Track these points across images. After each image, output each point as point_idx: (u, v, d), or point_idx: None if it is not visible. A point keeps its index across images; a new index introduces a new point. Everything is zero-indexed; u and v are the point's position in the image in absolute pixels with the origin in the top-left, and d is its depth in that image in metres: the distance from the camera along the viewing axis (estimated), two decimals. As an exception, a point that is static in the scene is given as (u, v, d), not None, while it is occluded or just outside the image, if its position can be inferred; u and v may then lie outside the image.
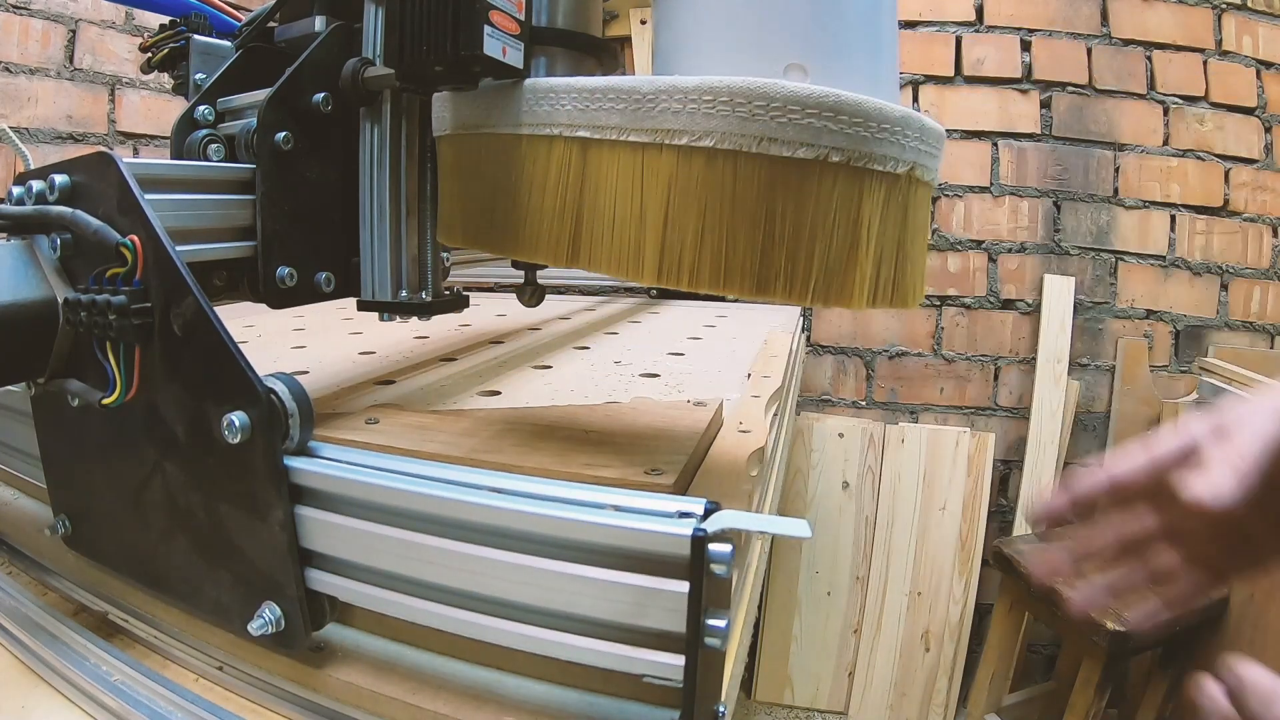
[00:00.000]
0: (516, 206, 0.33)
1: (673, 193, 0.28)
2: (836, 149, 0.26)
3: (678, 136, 0.27)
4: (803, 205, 0.27)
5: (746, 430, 0.46)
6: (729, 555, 0.23)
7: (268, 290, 0.39)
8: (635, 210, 0.29)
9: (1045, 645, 1.63)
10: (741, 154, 0.27)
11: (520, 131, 0.32)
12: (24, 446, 0.42)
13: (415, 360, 0.61)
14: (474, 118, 0.34)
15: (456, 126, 0.36)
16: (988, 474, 1.54)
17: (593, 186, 0.30)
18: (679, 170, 0.28)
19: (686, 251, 0.28)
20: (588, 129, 0.30)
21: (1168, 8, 1.48)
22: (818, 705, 1.59)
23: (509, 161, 0.33)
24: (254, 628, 0.29)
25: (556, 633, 0.26)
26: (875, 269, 0.28)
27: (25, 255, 0.32)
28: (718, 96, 0.26)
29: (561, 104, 0.31)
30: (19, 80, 1.16)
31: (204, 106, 0.43)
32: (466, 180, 0.36)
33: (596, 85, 0.30)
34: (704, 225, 0.28)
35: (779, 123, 0.26)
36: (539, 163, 0.32)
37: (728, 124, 0.26)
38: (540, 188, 0.32)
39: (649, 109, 0.28)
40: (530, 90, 0.32)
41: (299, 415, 0.29)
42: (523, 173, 0.32)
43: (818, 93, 0.26)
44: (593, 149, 0.30)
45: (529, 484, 0.27)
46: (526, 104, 0.32)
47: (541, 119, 0.31)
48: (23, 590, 0.39)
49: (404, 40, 0.32)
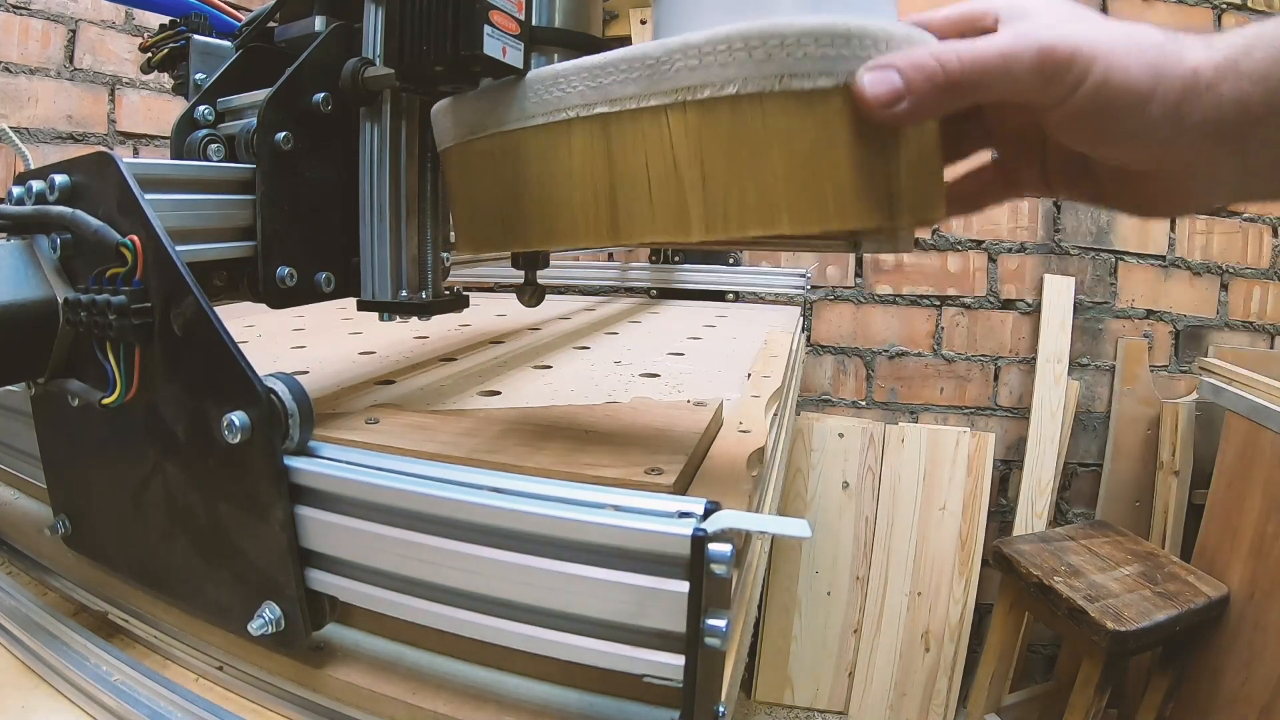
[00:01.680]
0: (544, 199, 0.32)
1: (705, 148, 0.28)
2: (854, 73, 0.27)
3: (699, 91, 0.28)
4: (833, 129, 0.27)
5: (746, 430, 0.46)
6: (729, 555, 0.23)
7: (268, 290, 0.39)
8: (670, 173, 0.29)
9: (1045, 645, 1.63)
10: (766, 95, 0.27)
11: (533, 123, 0.32)
12: (24, 446, 0.42)
13: (415, 360, 0.61)
14: (478, 122, 0.34)
15: (461, 135, 0.35)
16: (988, 474, 1.54)
17: (621, 160, 0.30)
18: (706, 124, 0.28)
19: (732, 201, 0.28)
20: (604, 104, 0.30)
21: (1168, 8, 1.48)
22: (818, 705, 1.59)
23: (527, 156, 0.33)
24: (254, 628, 0.29)
25: (556, 633, 0.26)
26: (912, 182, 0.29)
27: (25, 255, 0.32)
28: (731, 44, 0.27)
29: (572, 85, 0.30)
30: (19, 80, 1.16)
31: (204, 106, 0.43)
32: (482, 187, 0.35)
33: (604, 60, 0.30)
34: (742, 170, 0.28)
35: (796, 58, 0.27)
36: (560, 149, 0.31)
37: (746, 69, 0.27)
38: (566, 174, 0.31)
39: (664, 71, 0.28)
40: (536, 80, 0.32)
41: (299, 415, 0.29)
42: (545, 164, 0.32)
43: (827, 21, 0.27)
44: (614, 123, 0.30)
45: (529, 484, 0.27)
46: (534, 94, 0.32)
47: (553, 105, 0.31)
48: (23, 590, 0.39)
49: (404, 40, 0.32)
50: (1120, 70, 0.25)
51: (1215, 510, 1.33)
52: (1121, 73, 0.25)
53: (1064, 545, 1.36)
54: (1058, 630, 1.29)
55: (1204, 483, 1.44)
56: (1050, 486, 1.54)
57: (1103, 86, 0.25)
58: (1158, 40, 0.25)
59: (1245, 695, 1.16)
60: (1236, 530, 1.25)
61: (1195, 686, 1.27)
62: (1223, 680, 1.21)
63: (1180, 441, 1.48)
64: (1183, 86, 0.25)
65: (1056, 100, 0.26)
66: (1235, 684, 1.19)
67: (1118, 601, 1.18)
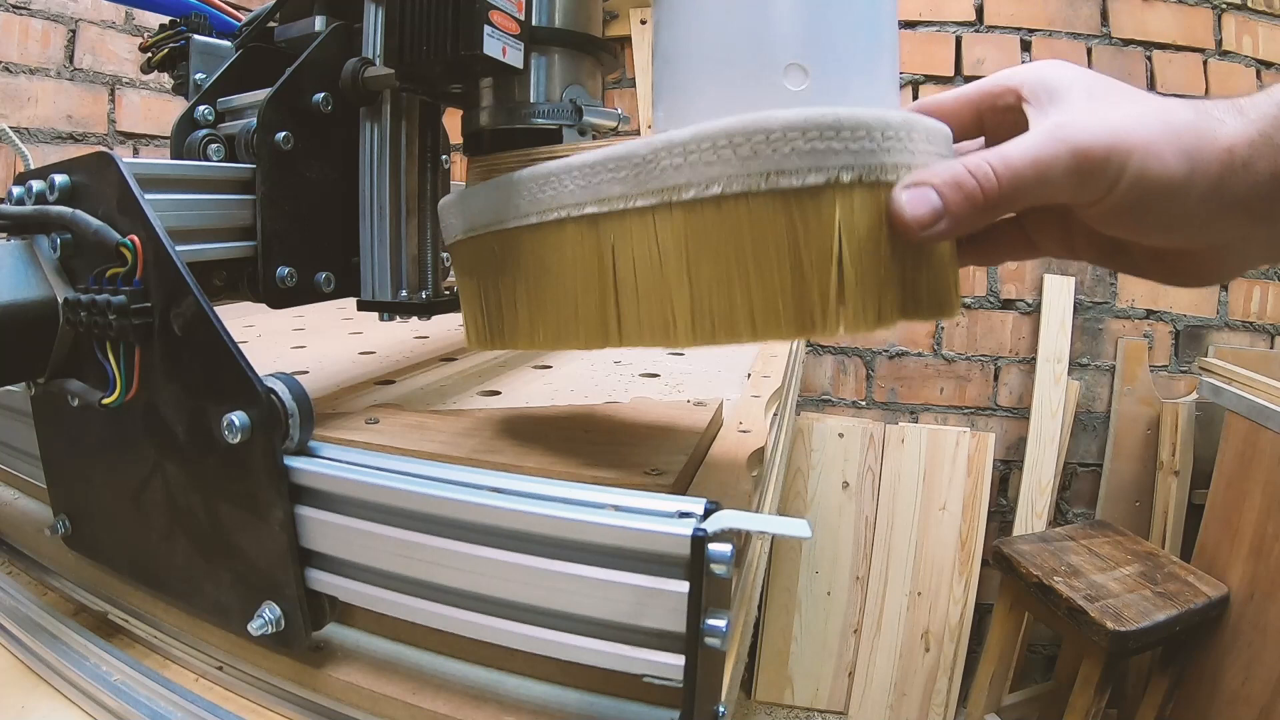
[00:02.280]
0: (541, 298, 0.32)
1: (690, 249, 0.27)
2: (846, 168, 0.25)
3: (684, 191, 0.26)
4: (825, 232, 0.26)
5: (746, 430, 0.46)
6: (729, 555, 0.23)
7: (268, 290, 0.39)
8: (657, 275, 0.28)
9: (1045, 645, 1.63)
10: (752, 194, 0.26)
11: (528, 222, 0.32)
12: (24, 446, 0.42)
13: (415, 360, 0.61)
14: (482, 219, 0.34)
15: (467, 231, 0.35)
16: (988, 474, 1.54)
17: (611, 260, 0.29)
18: (691, 224, 0.27)
19: (717, 306, 0.27)
20: (594, 204, 0.29)
21: (1168, 8, 1.48)
22: (818, 705, 1.59)
23: (525, 254, 0.32)
24: (254, 628, 0.29)
25: (556, 633, 0.26)
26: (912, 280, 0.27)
27: (25, 255, 0.32)
28: (715, 142, 0.26)
29: (564, 185, 0.30)
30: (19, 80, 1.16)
31: (204, 106, 0.43)
32: (486, 282, 0.35)
33: (594, 158, 0.29)
34: (729, 275, 0.26)
35: (783, 153, 0.25)
36: (554, 248, 0.31)
37: (730, 167, 0.26)
38: (560, 274, 0.31)
39: (650, 170, 0.27)
40: (531, 179, 0.31)
41: (299, 415, 0.29)
42: (540, 262, 0.32)
43: (814, 114, 0.25)
44: (603, 222, 0.29)
45: (529, 484, 0.27)
46: (529, 193, 0.31)
47: (547, 204, 0.31)
48: (23, 590, 0.39)
49: (404, 40, 0.32)
50: (1156, 161, 0.24)
51: (1215, 510, 1.33)
52: (1158, 163, 0.24)
53: (1064, 545, 1.36)
54: (1058, 630, 1.29)
55: (1204, 483, 1.44)
56: (1050, 486, 1.54)
57: (1140, 180, 0.24)
58: (1190, 120, 0.25)
59: (1245, 695, 1.16)
60: (1236, 530, 1.25)
61: (1195, 686, 1.27)
62: (1223, 680, 1.21)
63: (1180, 441, 1.47)
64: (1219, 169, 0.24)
65: (1094, 200, 0.25)
66: (1235, 684, 1.19)
67: (1118, 601, 1.18)
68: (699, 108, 0.28)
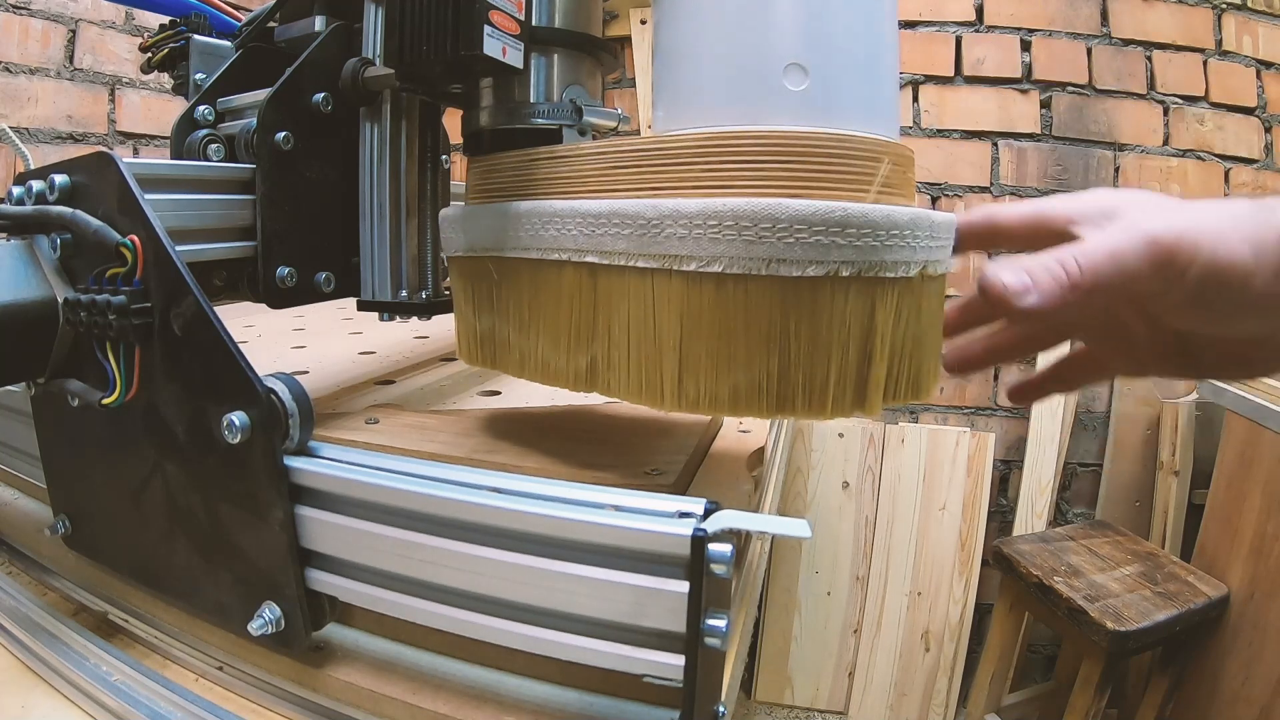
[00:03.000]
0: (531, 331, 0.32)
1: (685, 318, 0.27)
2: (846, 263, 0.26)
3: (685, 263, 0.27)
4: (816, 322, 0.26)
5: (746, 430, 0.46)
6: (729, 555, 0.23)
7: (268, 290, 0.39)
8: (650, 336, 0.28)
9: (1045, 645, 1.63)
10: (751, 277, 0.26)
11: (529, 256, 0.32)
12: (24, 446, 0.42)
13: (415, 360, 0.61)
14: (483, 241, 0.34)
15: (468, 249, 0.35)
16: (988, 474, 1.54)
17: (605, 312, 0.30)
18: (689, 295, 0.27)
19: (704, 377, 0.27)
20: (595, 254, 0.29)
21: (1167, 8, 1.48)
22: (818, 705, 1.59)
23: (521, 286, 0.33)
24: (254, 628, 0.29)
25: (556, 633, 0.26)
26: (895, 370, 0.28)
27: (25, 255, 0.32)
28: (723, 221, 0.26)
29: (568, 228, 0.30)
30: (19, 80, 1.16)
31: (204, 106, 0.43)
32: (481, 301, 0.36)
33: (601, 210, 0.29)
34: (719, 350, 0.27)
35: (786, 243, 0.25)
36: (551, 287, 0.31)
37: (734, 248, 0.26)
38: (553, 313, 0.31)
39: (654, 234, 0.27)
40: (536, 214, 0.31)
41: (299, 415, 0.29)
42: (535, 297, 0.32)
43: (823, 209, 0.25)
44: (602, 274, 0.30)
45: (529, 484, 0.27)
46: (533, 228, 0.31)
47: (549, 243, 0.31)
48: (23, 590, 0.39)
49: (404, 40, 0.32)
50: (1224, 249, 0.25)
51: (1215, 510, 1.33)
52: (1225, 249, 0.25)
53: (1064, 545, 1.36)
54: (1058, 630, 1.29)
55: (1204, 483, 1.44)
56: (1050, 486, 1.54)
57: (1211, 265, 0.26)
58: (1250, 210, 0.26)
59: (1245, 695, 1.16)
60: (1236, 530, 1.25)
61: (1195, 686, 1.27)
62: (1223, 680, 1.21)
63: (1180, 441, 1.47)
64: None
65: (1167, 286, 0.26)
66: (1235, 684, 1.19)
67: (1118, 601, 1.17)
68: (699, 107, 0.28)
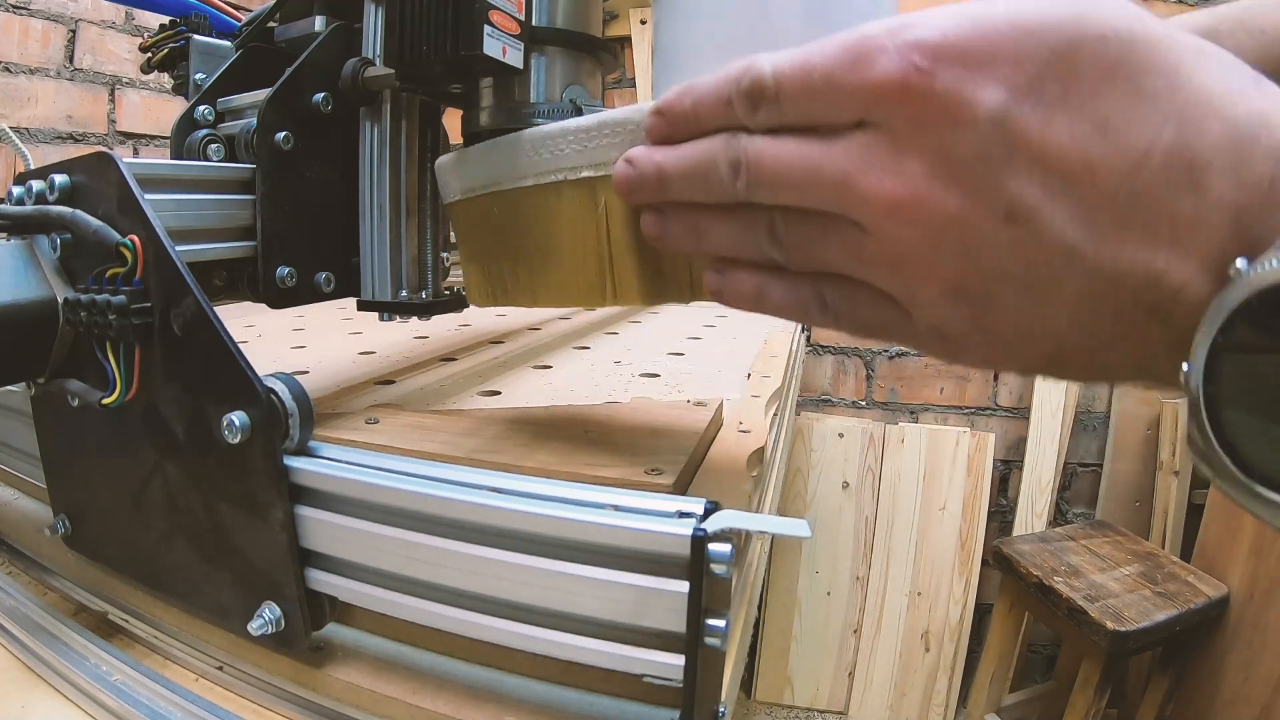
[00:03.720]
0: (538, 258, 0.33)
1: None
2: None
3: None
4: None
5: (746, 430, 0.46)
6: (729, 555, 0.23)
7: (268, 290, 0.39)
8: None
9: (1045, 645, 1.63)
10: None
11: (527, 184, 0.32)
12: (24, 446, 0.42)
13: (415, 360, 0.61)
14: (480, 180, 0.34)
15: (465, 191, 0.36)
16: (988, 474, 1.54)
17: (605, 224, 0.30)
18: None
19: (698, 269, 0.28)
20: (590, 168, 0.30)
21: (1167, 8, 1.48)
22: (818, 705, 1.59)
23: (523, 216, 0.33)
24: (254, 628, 0.29)
25: (557, 633, 0.26)
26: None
27: (25, 255, 0.32)
28: None
29: (561, 148, 0.31)
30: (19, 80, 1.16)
31: (204, 106, 0.43)
32: (485, 243, 0.36)
33: (591, 123, 0.30)
34: None
35: None
36: (551, 211, 0.32)
37: None
38: (558, 235, 0.32)
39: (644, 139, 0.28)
40: (529, 140, 0.32)
41: (299, 415, 0.29)
42: (538, 224, 0.32)
43: None
44: (600, 187, 0.30)
45: (529, 484, 0.27)
46: (527, 155, 0.32)
47: (545, 166, 0.31)
48: (23, 590, 0.39)
49: (404, 40, 0.32)
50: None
51: (1215, 510, 1.33)
52: None
53: (1064, 545, 1.36)
54: (1058, 630, 1.29)
55: (1204, 483, 1.44)
56: (1050, 486, 1.55)
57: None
58: None
59: (1245, 695, 1.16)
60: (1236, 530, 1.25)
61: (1195, 686, 1.27)
62: (1223, 680, 1.21)
63: (1180, 441, 1.47)
64: None
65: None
66: (1235, 684, 1.19)
67: (1118, 601, 1.18)
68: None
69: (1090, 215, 0.18)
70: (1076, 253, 0.18)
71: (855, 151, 0.21)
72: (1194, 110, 0.17)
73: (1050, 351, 0.21)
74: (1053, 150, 0.18)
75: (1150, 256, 0.18)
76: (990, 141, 0.19)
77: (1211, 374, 0.17)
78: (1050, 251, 0.19)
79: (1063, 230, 0.18)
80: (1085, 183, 0.18)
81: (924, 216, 0.20)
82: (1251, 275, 0.16)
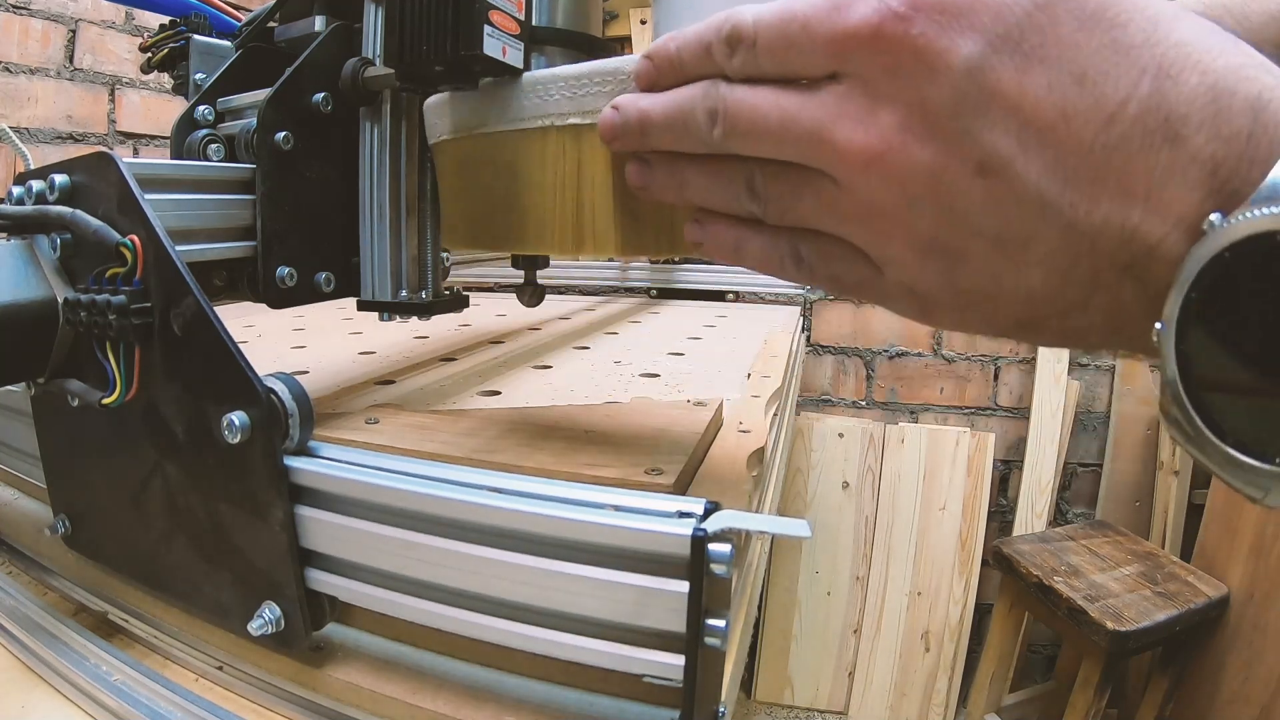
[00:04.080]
0: (519, 202, 0.33)
1: None
2: None
3: None
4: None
5: (746, 430, 0.46)
6: (729, 555, 0.23)
7: (268, 290, 0.39)
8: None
9: (1045, 645, 1.63)
10: None
11: (513, 127, 0.32)
12: (24, 446, 0.42)
13: (415, 360, 0.61)
14: (467, 121, 0.34)
15: (452, 131, 0.36)
16: (988, 474, 1.54)
17: (589, 172, 0.30)
18: None
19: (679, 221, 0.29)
20: (578, 115, 0.30)
21: (1168, 8, 1.48)
22: (818, 705, 1.59)
23: (506, 158, 0.33)
24: (254, 628, 0.29)
25: (557, 633, 0.26)
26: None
27: (25, 255, 0.32)
28: None
29: (550, 94, 0.31)
30: (19, 80, 1.16)
31: (204, 106, 0.43)
32: (466, 183, 0.36)
33: (580, 71, 0.30)
34: None
35: None
36: (535, 156, 0.32)
37: None
38: (539, 181, 0.32)
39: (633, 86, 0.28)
40: (520, 85, 0.32)
41: (299, 415, 0.29)
42: (521, 168, 0.32)
43: None
44: (585, 135, 0.30)
45: (529, 484, 0.27)
46: (516, 99, 0.32)
47: (532, 111, 0.32)
48: (23, 590, 0.39)
49: (404, 40, 0.32)
50: None
51: (1215, 510, 1.33)
52: None
53: (1064, 545, 1.36)
54: (1058, 630, 1.29)
55: (1204, 483, 1.44)
56: (1050, 486, 1.55)
57: None
58: None
59: (1245, 695, 1.16)
60: (1236, 530, 1.25)
61: (1195, 686, 1.27)
62: (1223, 680, 1.21)
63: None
64: None
65: None
66: (1235, 684, 1.19)
67: (1118, 601, 1.18)
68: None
69: (1065, 168, 0.18)
70: (1050, 207, 0.18)
71: (830, 102, 0.20)
72: (1172, 63, 0.17)
73: (1022, 312, 0.20)
74: (1029, 101, 0.18)
75: (1125, 212, 0.18)
76: (965, 92, 0.18)
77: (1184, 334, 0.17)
78: (1024, 206, 0.18)
79: (1037, 184, 0.18)
80: (1061, 134, 0.18)
81: (895, 170, 0.20)
82: (1225, 228, 0.16)
